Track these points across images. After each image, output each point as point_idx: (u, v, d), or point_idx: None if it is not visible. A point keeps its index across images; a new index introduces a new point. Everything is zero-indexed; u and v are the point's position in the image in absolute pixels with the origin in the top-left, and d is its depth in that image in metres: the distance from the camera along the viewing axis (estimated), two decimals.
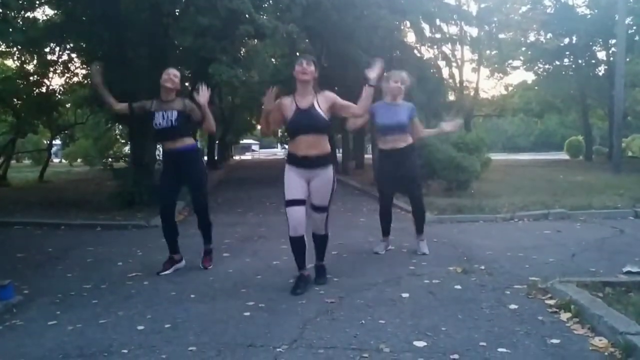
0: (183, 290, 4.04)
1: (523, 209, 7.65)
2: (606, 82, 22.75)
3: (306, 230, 3.96)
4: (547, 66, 27.47)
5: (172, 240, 4.76)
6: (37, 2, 13.65)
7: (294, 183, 3.93)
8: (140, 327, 3.21)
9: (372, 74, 3.85)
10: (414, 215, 5.32)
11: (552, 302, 3.41)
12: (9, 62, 17.84)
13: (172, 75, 4.60)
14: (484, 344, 2.80)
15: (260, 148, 62.80)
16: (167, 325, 3.22)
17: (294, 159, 3.95)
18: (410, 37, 17.68)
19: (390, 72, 5.09)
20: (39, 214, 8.63)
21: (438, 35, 16.33)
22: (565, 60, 26.81)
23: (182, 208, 8.80)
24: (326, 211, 4.08)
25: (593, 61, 26.01)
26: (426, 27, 15.07)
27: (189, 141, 4.69)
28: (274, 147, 59.41)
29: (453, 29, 21.39)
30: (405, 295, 3.71)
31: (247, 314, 3.40)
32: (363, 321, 3.19)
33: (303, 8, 10.64)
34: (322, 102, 3.91)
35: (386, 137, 5.00)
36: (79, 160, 29.24)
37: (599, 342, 2.76)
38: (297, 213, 3.88)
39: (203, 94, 4.38)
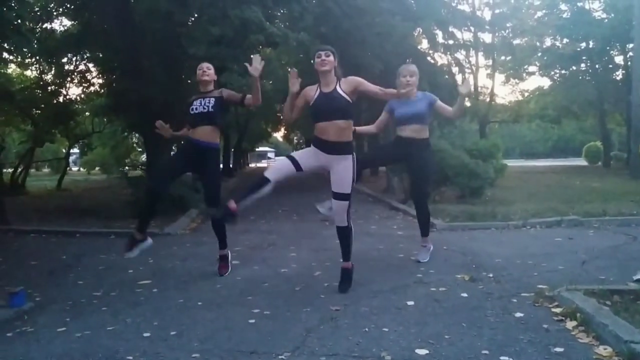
0: (190, 297, 4.08)
1: (536, 216, 7.58)
2: (624, 87, 22.48)
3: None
4: (563, 71, 27.25)
5: (146, 219, 4.66)
6: (55, 13, 13.92)
7: (307, 154, 4.07)
8: (147, 334, 3.25)
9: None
10: (417, 218, 5.26)
11: (558, 310, 3.37)
12: (28, 73, 18.20)
13: (205, 68, 4.72)
14: (487, 352, 2.79)
15: (276, 155, 63.07)
16: (172, 332, 3.26)
17: (318, 142, 4.01)
18: (423, 44, 17.69)
19: (400, 67, 5.05)
20: (55, 222, 8.78)
21: (451, 42, 16.32)
22: (582, 65, 26.55)
23: (195, 216, 8.90)
24: (347, 200, 4.03)
25: (610, 66, 25.73)
26: (439, 34, 15.09)
27: (216, 138, 4.73)
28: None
29: (467, 35, 21.34)
30: (410, 303, 3.71)
31: (252, 321, 3.43)
32: (366, 329, 3.20)
33: (315, 16, 10.72)
34: (345, 86, 3.98)
35: (405, 127, 4.95)
36: (96, 168, 29.65)
37: (604, 350, 2.73)
38: (283, 163, 4.09)
39: (255, 66, 4.29)
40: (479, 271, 4.62)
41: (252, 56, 4.36)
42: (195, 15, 10.19)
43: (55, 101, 16.52)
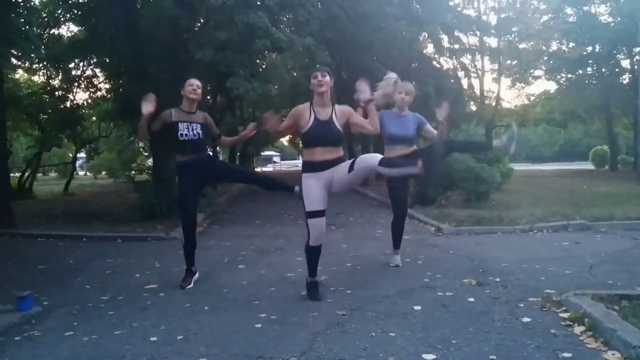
0: (197, 302, 4.09)
1: (542, 220, 7.56)
2: (630, 91, 22.36)
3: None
4: (569, 75, 27.15)
5: (193, 251, 4.72)
6: (62, 19, 14.02)
7: (314, 193, 3.96)
8: (154, 339, 3.26)
9: (363, 95, 3.93)
10: (397, 230, 5.32)
11: (566, 315, 3.36)
12: (35, 78, 18.31)
13: (195, 86, 4.64)
14: (494, 357, 2.78)
15: (282, 160, 63.12)
16: (179, 337, 3.26)
17: (311, 166, 4.00)
18: (429, 48, 17.70)
19: (398, 82, 5.08)
20: (62, 226, 8.81)
21: (457, 46, 16.33)
22: (588, 69, 26.47)
23: (201, 220, 8.91)
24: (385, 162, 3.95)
25: (617, 70, 25.61)
26: (445, 38, 15.09)
27: (205, 151, 4.81)
28: (295, 159, 59.66)
29: (472, 40, 21.34)
30: (417, 307, 3.70)
31: (259, 325, 3.43)
32: (373, 334, 3.19)
33: (321, 21, 10.75)
34: (340, 116, 4.00)
35: (394, 147, 5.02)
36: (103, 172, 29.74)
37: (612, 356, 2.72)
38: (319, 223, 3.95)
39: (250, 129, 4.68)
40: (485, 276, 4.61)
41: (249, 125, 4.68)
42: (202, 20, 10.24)
43: (62, 106, 16.57)
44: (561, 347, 2.89)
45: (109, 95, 16.15)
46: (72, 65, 15.85)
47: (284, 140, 49.57)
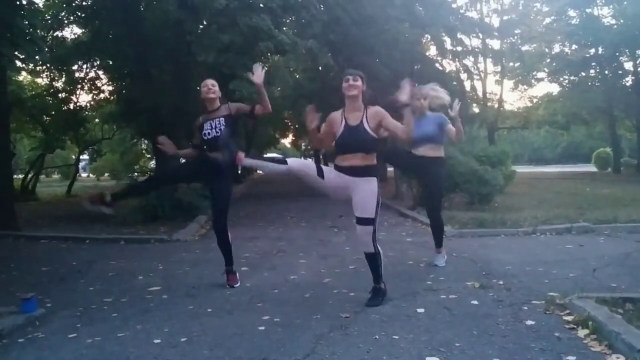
0: (200, 304, 4.09)
1: (546, 223, 7.55)
2: (634, 93, 22.38)
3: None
4: (572, 77, 27.11)
5: (126, 195, 4.76)
6: (65, 21, 14.07)
7: (333, 170, 3.94)
8: (157, 341, 3.26)
9: (403, 96, 3.73)
10: (432, 229, 5.32)
11: (570, 318, 3.35)
12: (39, 80, 18.37)
13: (210, 86, 4.63)
14: None
15: None
16: (182, 339, 3.27)
17: (338, 168, 3.91)
18: (432, 51, 17.70)
19: (429, 83, 5.20)
20: (65, 228, 8.83)
21: (459, 48, 16.32)
22: (591, 71, 26.42)
23: (204, 222, 8.93)
24: (372, 224, 3.87)
25: (620, 72, 25.56)
26: (447, 41, 15.10)
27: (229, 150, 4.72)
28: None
29: (475, 42, 21.33)
30: (420, 310, 3.69)
31: (262, 328, 3.43)
32: (377, 336, 3.19)
33: (324, 23, 10.77)
34: (371, 119, 3.83)
35: (418, 149, 5.04)
36: (105, 174, 29.82)
37: (616, 359, 2.71)
38: (309, 162, 4.07)
39: (258, 74, 4.31)
40: (489, 278, 4.60)
41: (253, 65, 4.36)
42: (205, 23, 10.26)
43: (65, 108, 16.65)
44: (565, 350, 2.88)
45: (112, 97, 16.21)
46: (75, 67, 15.92)
47: (286, 142, 49.65)
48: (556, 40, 26.74)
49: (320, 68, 20.16)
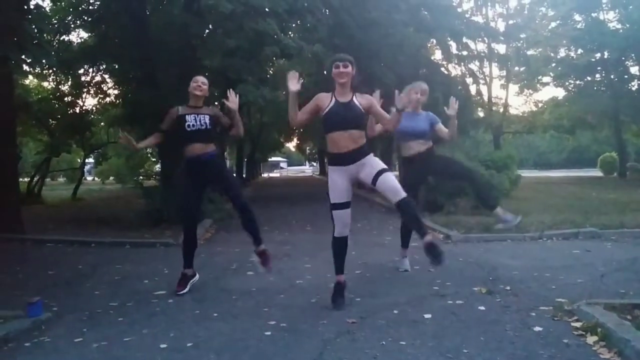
0: (207, 308, 4.08)
1: (552, 228, 7.51)
2: None
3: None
4: (578, 82, 27.04)
5: (191, 253, 4.78)
6: (72, 25, 14.13)
7: (339, 186, 3.96)
8: (163, 345, 3.25)
9: (399, 104, 3.87)
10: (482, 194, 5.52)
11: (578, 324, 3.32)
12: (45, 84, 18.45)
13: (200, 83, 4.67)
14: None
15: (289, 166, 63.21)
16: (189, 344, 3.26)
17: (336, 158, 3.98)
18: (437, 55, 17.70)
19: (413, 83, 5.19)
20: (71, 232, 8.84)
21: (465, 53, 16.30)
22: (597, 75, 26.35)
23: (209, 226, 8.92)
24: (389, 170, 3.99)
25: (625, 76, 25.48)
26: (453, 45, 15.08)
27: (213, 147, 4.74)
28: (302, 165, 59.77)
29: (480, 46, 21.30)
30: (427, 316, 3.67)
31: (268, 333, 3.42)
32: (384, 342, 3.17)
33: (329, 28, 10.79)
34: (361, 100, 3.97)
35: (408, 144, 5.08)
36: (111, 178, 29.90)
37: None
38: (344, 215, 3.96)
39: (232, 100, 4.47)
40: (496, 284, 4.58)
41: (228, 92, 4.53)
42: (211, 27, 10.28)
43: (71, 112, 16.72)
44: (574, 357, 2.86)
45: (118, 101, 16.26)
46: (81, 71, 15.99)
47: (291, 145, 49.73)
48: (562, 45, 26.70)
49: (325, 72, 20.23)
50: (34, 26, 6.27)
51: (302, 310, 3.95)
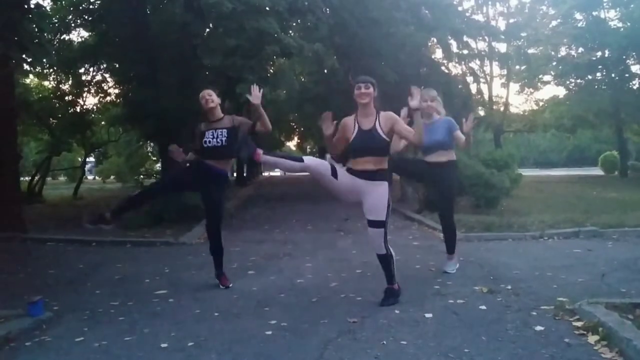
0: (207, 308, 4.08)
1: (553, 227, 7.50)
2: None
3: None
4: (578, 81, 26.97)
5: (127, 208, 4.74)
6: (72, 25, 14.14)
7: (345, 172, 3.96)
8: (164, 345, 3.25)
9: (413, 102, 3.86)
10: (444, 234, 5.30)
11: (579, 324, 3.32)
12: (46, 83, 18.45)
13: (207, 96, 4.64)
14: None
15: None
16: (190, 344, 3.26)
17: (351, 171, 3.98)
18: (438, 54, 17.65)
19: (421, 91, 5.14)
20: (72, 231, 8.82)
21: (466, 52, 16.26)
22: (598, 74, 26.28)
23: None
24: (383, 227, 3.97)
25: (626, 75, 25.42)
26: (454, 44, 15.05)
27: (228, 166, 4.78)
28: None
29: (481, 45, 21.24)
30: (428, 315, 3.67)
31: (269, 332, 3.42)
32: (385, 342, 3.17)
33: (330, 27, 10.76)
34: (384, 123, 3.95)
35: (429, 155, 5.04)
36: (111, 177, 29.89)
37: None
38: (324, 161, 3.98)
39: (256, 95, 4.42)
40: (497, 283, 4.57)
41: (251, 86, 4.48)
42: (211, 26, 10.27)
43: (72, 111, 16.72)
44: (576, 356, 2.85)
45: (118, 100, 16.26)
46: (82, 70, 15.99)
47: (292, 144, 49.67)
48: (562, 43, 26.63)
49: (325, 71, 20.18)
50: (34, 25, 6.26)
51: (303, 309, 3.94)
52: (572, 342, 3.06)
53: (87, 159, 22.06)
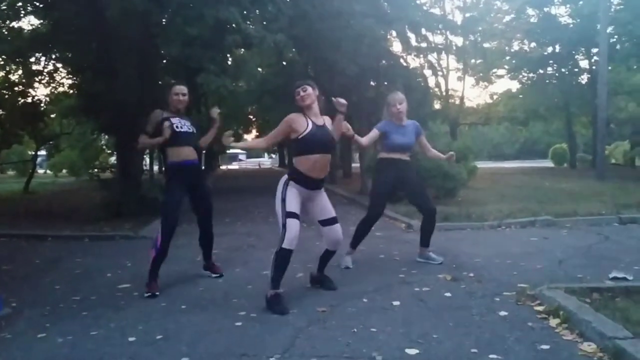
0: (173, 301, 4.03)
1: (510, 217, 7.72)
2: (589, 90, 23.07)
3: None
4: (531, 75, 27.80)
5: (162, 262, 4.55)
6: (23, 12, 13.58)
7: (295, 198, 3.89)
8: (132, 339, 3.20)
9: (340, 107, 3.85)
10: (423, 227, 5.36)
11: (541, 308, 3.44)
12: None
13: (181, 95, 4.59)
14: (475, 350, 2.83)
15: (247, 158, 62.75)
16: (158, 337, 3.21)
17: (303, 180, 3.91)
18: (397, 47, 17.83)
19: (388, 96, 5.23)
20: (25, 226, 8.56)
21: (424, 45, 16.47)
22: (549, 68, 27.16)
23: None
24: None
25: (576, 70, 26.38)
26: (412, 37, 15.22)
27: (195, 153, 4.70)
28: (260, 157, 59.46)
29: (438, 39, 21.57)
30: (396, 303, 3.73)
31: (239, 324, 3.41)
32: (355, 329, 3.20)
33: (290, 18, 10.69)
34: (328, 124, 4.04)
35: (392, 153, 5.12)
36: (64, 170, 29.03)
37: (588, 347, 2.80)
38: (297, 226, 3.79)
39: (215, 111, 4.74)
40: (459, 271, 4.68)
41: (211, 109, 4.84)
42: (170, 13, 10.05)
43: (22, 102, 16.10)
44: (539, 339, 2.96)
45: (72, 91, 15.76)
46: (32, 59, 15.39)
47: (249, 137, 49.30)
48: (516, 38, 27.36)
49: (284, 63, 20.08)
50: None
51: None
52: (535, 325, 3.17)
53: (39, 152, 21.29)
